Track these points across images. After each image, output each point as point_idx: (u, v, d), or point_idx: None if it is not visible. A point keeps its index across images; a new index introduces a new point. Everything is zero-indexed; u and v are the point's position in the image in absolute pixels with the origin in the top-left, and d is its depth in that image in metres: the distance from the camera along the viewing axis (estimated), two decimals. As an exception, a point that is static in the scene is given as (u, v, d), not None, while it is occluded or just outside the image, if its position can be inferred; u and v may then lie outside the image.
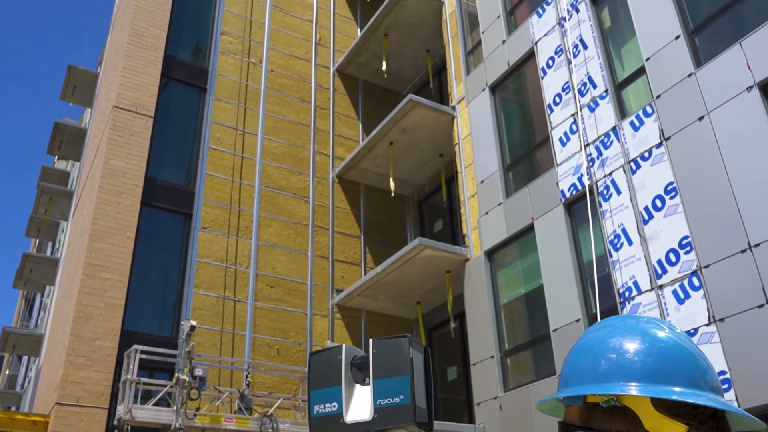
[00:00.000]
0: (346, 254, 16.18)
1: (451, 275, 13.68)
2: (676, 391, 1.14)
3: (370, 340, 3.86)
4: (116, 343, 12.11)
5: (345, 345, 3.92)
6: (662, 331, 1.22)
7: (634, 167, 9.95)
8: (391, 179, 15.81)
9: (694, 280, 8.72)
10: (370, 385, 3.75)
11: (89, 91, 23.21)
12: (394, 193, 16.57)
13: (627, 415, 1.16)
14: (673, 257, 9.08)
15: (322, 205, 16.32)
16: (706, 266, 8.60)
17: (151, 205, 13.84)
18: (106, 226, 12.83)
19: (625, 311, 9.54)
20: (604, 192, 10.38)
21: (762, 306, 7.91)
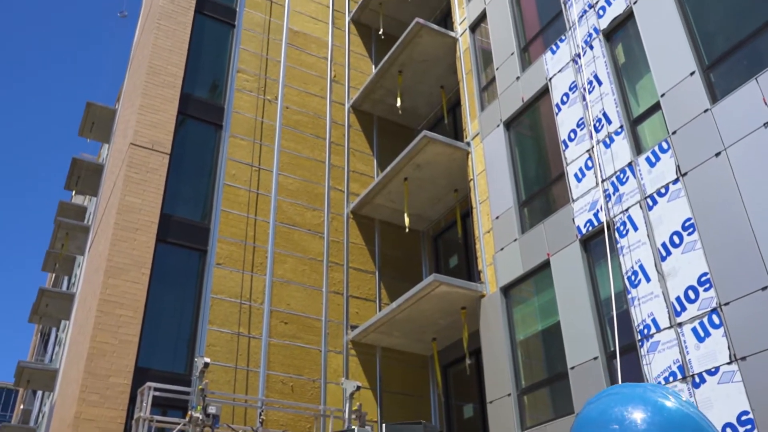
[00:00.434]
0: (361, 290, 16.10)
1: (467, 311, 13.55)
2: None
3: (384, 425, 3.80)
4: (130, 380, 12.06)
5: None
6: (668, 400, 1.18)
7: (651, 203, 9.87)
8: (406, 215, 15.80)
9: (714, 317, 8.57)
10: None
11: (107, 127, 23.54)
12: (408, 229, 16.54)
13: None
14: (692, 294, 8.95)
15: (337, 240, 16.31)
16: (726, 303, 8.46)
17: (166, 241, 13.89)
18: (121, 263, 12.87)
19: (644, 349, 9.38)
20: (621, 228, 10.29)
21: (785, 345, 7.74)
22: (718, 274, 8.66)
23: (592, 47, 11.75)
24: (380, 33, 19.87)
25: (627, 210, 10.25)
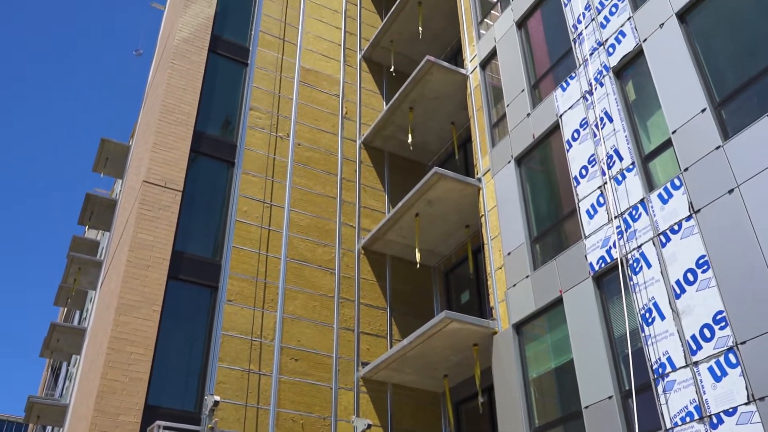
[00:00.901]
0: (372, 326, 16.02)
1: (479, 348, 13.43)
2: None
3: None
4: (139, 419, 11.98)
5: None
6: None
7: (664, 240, 9.80)
8: (417, 250, 15.77)
9: (731, 356, 8.44)
10: None
11: (121, 163, 23.79)
12: (420, 264, 16.49)
13: None
14: (707, 333, 8.83)
15: (348, 276, 16.28)
16: (743, 342, 8.33)
17: (178, 278, 13.91)
18: (132, 300, 12.88)
19: (660, 388, 9.24)
20: (634, 265, 10.21)
21: (804, 386, 7.61)
22: (733, 312, 8.56)
23: (602, 84, 11.80)
24: (391, 70, 20.07)
25: (640, 247, 10.18)
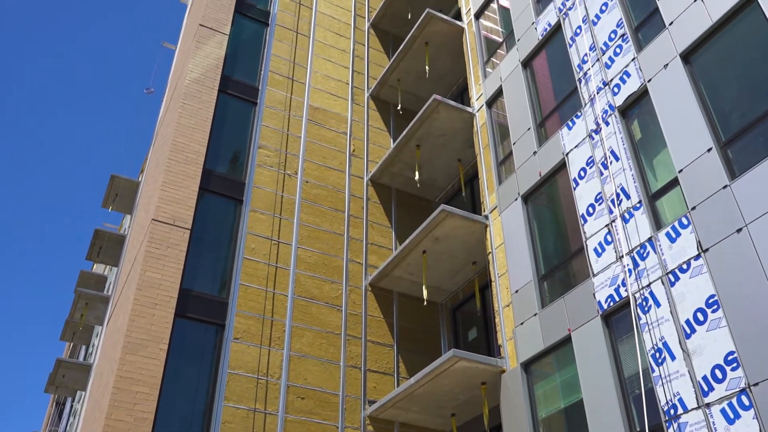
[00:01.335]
0: (379, 364, 15.90)
1: (487, 387, 13.30)
2: None
3: None
4: (144, 459, 11.86)
5: None
6: None
7: (673, 279, 9.76)
8: (424, 287, 15.73)
9: (744, 398, 8.33)
10: None
11: (130, 199, 23.94)
12: (427, 301, 16.42)
13: None
14: (719, 374, 8.73)
15: (355, 313, 16.22)
16: (756, 384, 8.24)
17: (185, 316, 13.89)
18: (139, 338, 12.85)
19: (671, 431, 9.11)
20: (643, 304, 10.15)
21: (818, 429, 7.49)
22: (745, 353, 8.47)
23: (607, 123, 11.87)
24: (398, 108, 20.25)
25: (649, 285, 10.13)
